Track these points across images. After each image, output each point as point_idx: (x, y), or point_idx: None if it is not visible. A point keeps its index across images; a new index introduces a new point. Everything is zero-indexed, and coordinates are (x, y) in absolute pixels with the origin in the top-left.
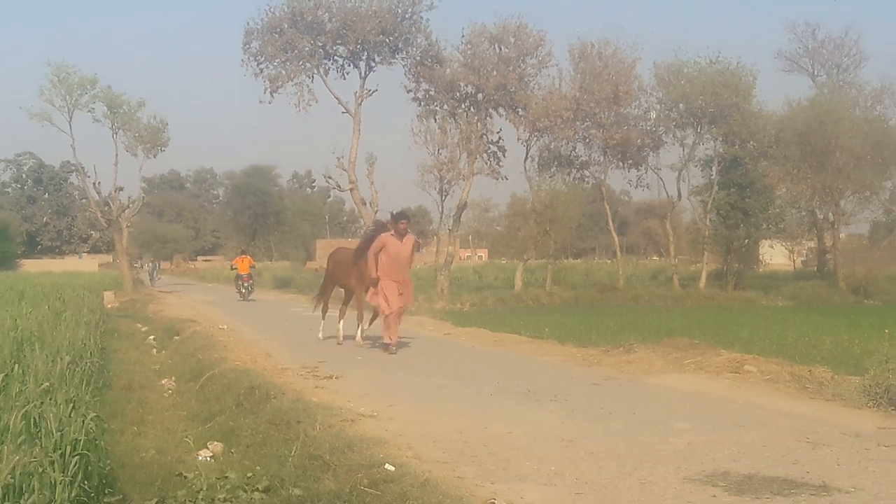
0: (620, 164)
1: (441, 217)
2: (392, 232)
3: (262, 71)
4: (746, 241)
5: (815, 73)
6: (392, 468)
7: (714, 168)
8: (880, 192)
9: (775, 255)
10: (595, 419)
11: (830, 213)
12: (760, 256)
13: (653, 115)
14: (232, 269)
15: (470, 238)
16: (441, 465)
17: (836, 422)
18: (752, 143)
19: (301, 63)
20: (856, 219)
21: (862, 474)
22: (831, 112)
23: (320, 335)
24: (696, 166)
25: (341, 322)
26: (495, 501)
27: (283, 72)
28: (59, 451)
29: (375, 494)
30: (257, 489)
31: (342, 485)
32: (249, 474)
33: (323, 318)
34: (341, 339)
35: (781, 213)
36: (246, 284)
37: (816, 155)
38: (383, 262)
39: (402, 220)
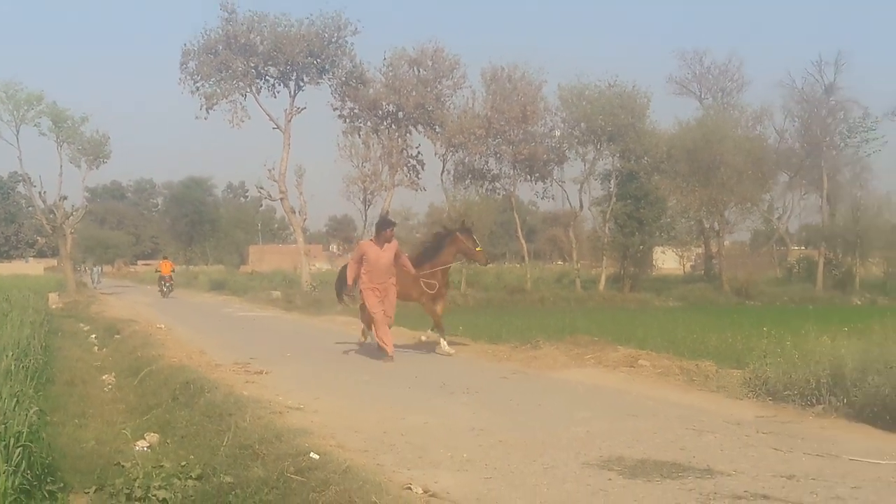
0: (528, 177)
1: (364, 225)
2: (373, 239)
3: (198, 89)
4: (641, 247)
5: (702, 96)
6: (316, 457)
7: (612, 181)
8: (760, 204)
9: (667, 261)
10: (504, 410)
11: (716, 223)
12: (654, 261)
13: (557, 132)
14: (156, 271)
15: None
16: (362, 454)
17: (719, 411)
18: (646, 158)
19: (235, 82)
20: (738, 228)
21: (742, 459)
22: (716, 131)
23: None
24: (596, 179)
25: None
26: (411, 487)
27: (218, 90)
28: (3, 443)
29: (301, 481)
30: (191, 477)
31: (270, 472)
32: (183, 463)
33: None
34: (366, 339)
35: (672, 223)
36: (167, 284)
37: (703, 170)
38: (364, 270)
39: (389, 228)
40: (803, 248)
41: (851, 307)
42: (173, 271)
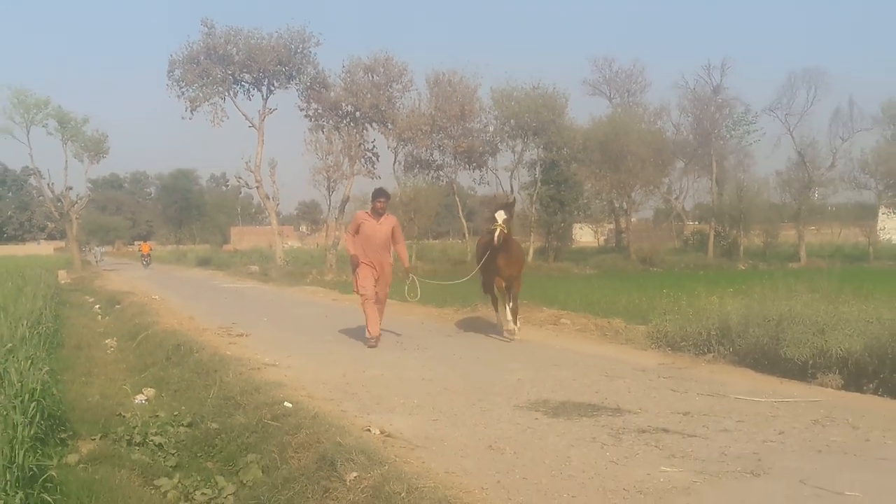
0: (467, 166)
1: (329, 208)
2: (369, 211)
3: (183, 94)
4: (562, 224)
5: (611, 96)
6: (290, 405)
7: (537, 169)
8: (660, 187)
9: (584, 235)
10: (448, 363)
11: (624, 203)
12: (573, 236)
13: (491, 128)
14: (139, 250)
15: None
16: (328, 402)
17: (628, 360)
18: (565, 149)
19: (214, 87)
20: (643, 207)
21: (646, 399)
22: (623, 126)
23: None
24: (523, 168)
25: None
26: (370, 429)
27: (200, 94)
28: (20, 398)
29: (276, 426)
30: (182, 424)
31: (250, 419)
32: (176, 413)
33: (497, 310)
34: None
35: (588, 203)
36: (146, 259)
37: (613, 159)
38: (359, 242)
39: (380, 199)
40: (697, 223)
41: (737, 272)
42: (151, 250)
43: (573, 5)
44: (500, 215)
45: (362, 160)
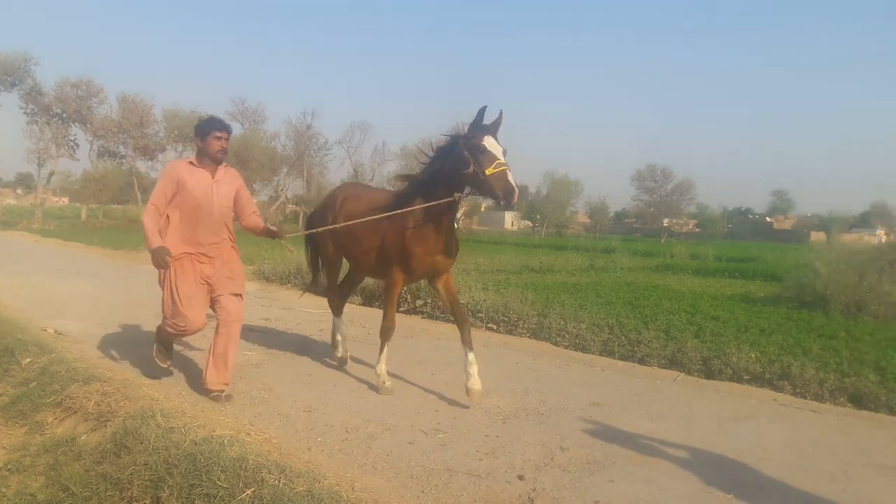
0: (143, 157)
1: (38, 178)
2: (192, 158)
3: None
4: None
5: (244, 123)
6: None
7: None
8: (273, 182)
9: None
10: (114, 286)
11: (249, 190)
12: None
13: (161, 134)
14: None
15: (58, 190)
16: (19, 311)
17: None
18: None
19: None
20: (261, 194)
21: (247, 312)
22: (251, 142)
23: (339, 352)
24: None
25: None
26: (47, 329)
27: None
28: None
29: None
30: None
31: None
32: None
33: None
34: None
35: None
36: None
37: (243, 162)
38: (176, 217)
39: (217, 131)
40: (294, 205)
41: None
42: None
43: (222, 59)
44: (498, 149)
45: (66, 147)
